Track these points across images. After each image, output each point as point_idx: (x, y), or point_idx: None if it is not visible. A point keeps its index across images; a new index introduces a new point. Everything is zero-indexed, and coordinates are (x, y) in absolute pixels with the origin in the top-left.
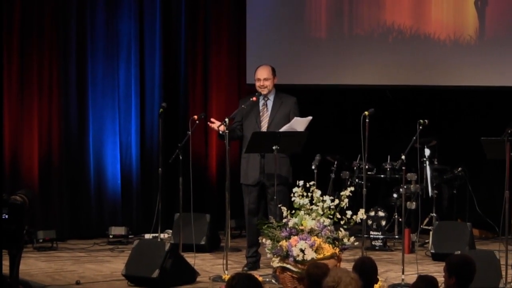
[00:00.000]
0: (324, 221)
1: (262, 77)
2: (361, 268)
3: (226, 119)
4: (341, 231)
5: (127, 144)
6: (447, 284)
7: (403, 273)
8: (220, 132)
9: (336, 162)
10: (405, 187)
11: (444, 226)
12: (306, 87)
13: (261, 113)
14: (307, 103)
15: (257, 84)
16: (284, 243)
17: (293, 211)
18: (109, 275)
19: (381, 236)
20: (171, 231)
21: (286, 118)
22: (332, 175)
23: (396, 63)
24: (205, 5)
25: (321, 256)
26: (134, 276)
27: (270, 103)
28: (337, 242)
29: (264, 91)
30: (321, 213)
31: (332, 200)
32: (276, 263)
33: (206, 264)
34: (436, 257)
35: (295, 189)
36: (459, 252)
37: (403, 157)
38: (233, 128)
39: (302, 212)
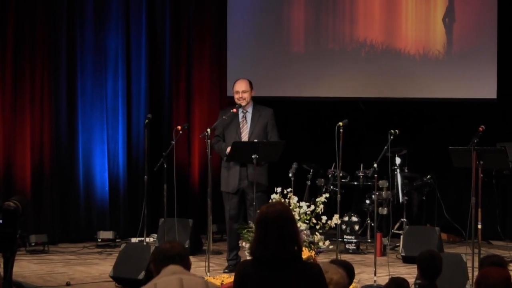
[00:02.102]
0: (300, 225)
1: (241, 89)
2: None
3: (208, 130)
4: (316, 235)
5: (115, 153)
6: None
7: (375, 275)
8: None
9: (312, 170)
10: (377, 193)
11: (414, 230)
12: (284, 99)
13: (241, 125)
14: (285, 115)
15: (236, 96)
16: None
17: None
18: (98, 276)
19: (355, 240)
20: (156, 235)
21: (265, 129)
22: (308, 182)
23: (368, 76)
24: (188, 21)
25: None
26: (121, 278)
27: (249, 115)
28: (313, 246)
29: (243, 103)
30: (298, 218)
31: (308, 206)
32: None
33: None
34: (406, 260)
35: (273, 196)
36: None
37: (375, 165)
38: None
39: None
